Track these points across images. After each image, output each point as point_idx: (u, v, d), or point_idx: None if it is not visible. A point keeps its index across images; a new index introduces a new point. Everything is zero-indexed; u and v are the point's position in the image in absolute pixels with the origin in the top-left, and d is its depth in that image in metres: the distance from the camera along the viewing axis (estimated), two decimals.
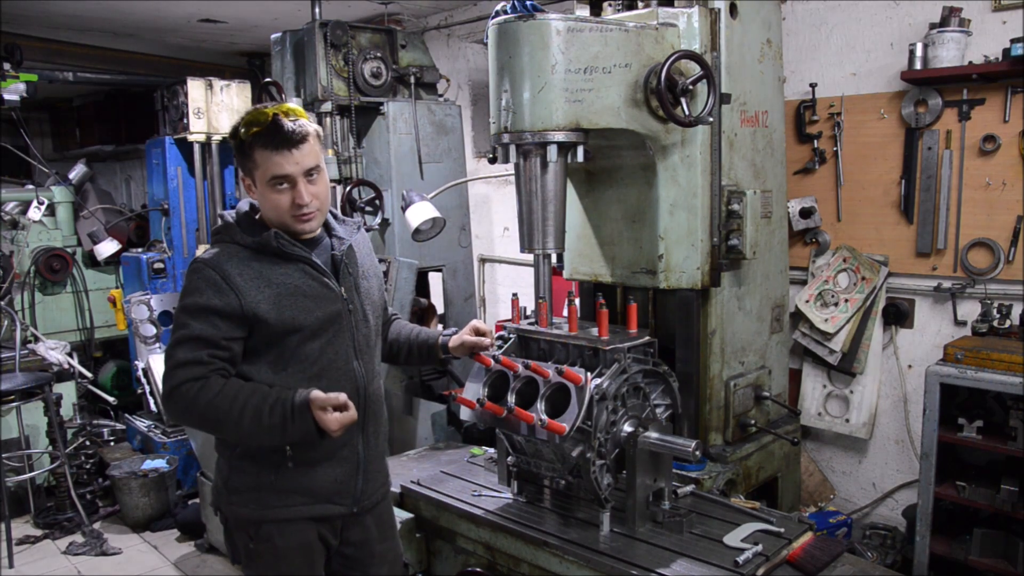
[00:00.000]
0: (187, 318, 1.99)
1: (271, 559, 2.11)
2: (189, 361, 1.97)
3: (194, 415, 1.99)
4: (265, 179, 2.02)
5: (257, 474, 2.09)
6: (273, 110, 2.01)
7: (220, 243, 2.10)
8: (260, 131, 1.99)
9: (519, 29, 2.41)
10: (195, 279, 2.02)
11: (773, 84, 3.08)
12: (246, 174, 2.08)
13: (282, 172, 2.00)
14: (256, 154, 2.00)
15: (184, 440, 4.90)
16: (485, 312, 5.51)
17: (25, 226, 5.99)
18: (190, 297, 2.01)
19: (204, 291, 2.00)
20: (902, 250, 3.50)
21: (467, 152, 5.03)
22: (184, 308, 2.01)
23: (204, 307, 1.99)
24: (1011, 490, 2.89)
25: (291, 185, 2.02)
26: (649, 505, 2.37)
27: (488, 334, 2.41)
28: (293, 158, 1.99)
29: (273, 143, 1.98)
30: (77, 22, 5.51)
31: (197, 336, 1.98)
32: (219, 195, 5.53)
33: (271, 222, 2.09)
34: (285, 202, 2.03)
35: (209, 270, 2.01)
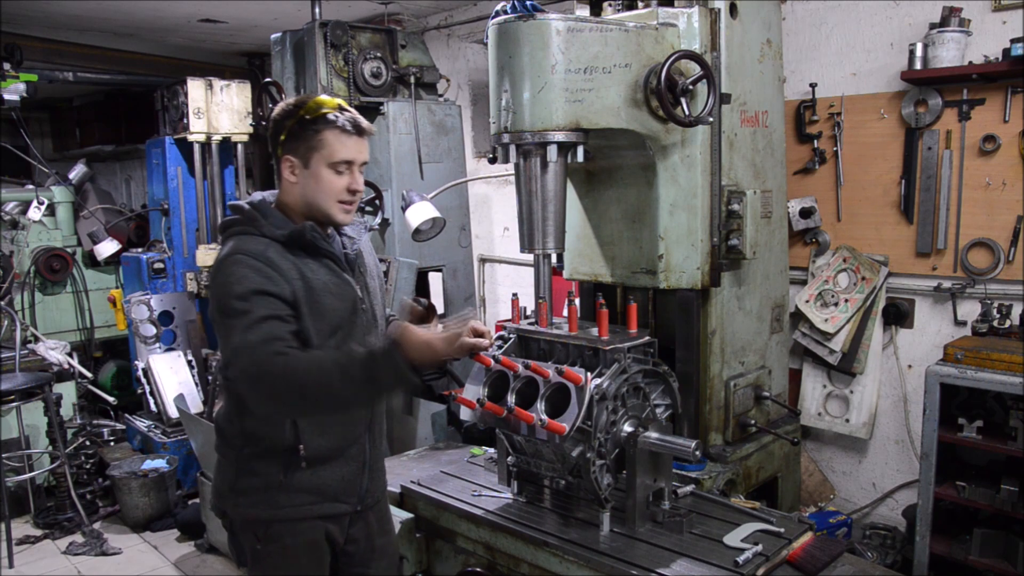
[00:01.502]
0: (245, 304, 1.90)
1: (280, 559, 2.11)
2: (267, 338, 1.87)
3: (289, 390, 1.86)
4: (328, 160, 2.02)
5: (267, 474, 2.08)
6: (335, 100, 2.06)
7: (246, 235, 2.03)
8: (332, 113, 2.01)
9: (519, 29, 2.41)
10: (236, 268, 1.94)
11: (773, 84, 3.08)
12: (297, 155, 2.03)
13: (350, 156, 2.03)
14: (326, 134, 2.00)
15: (184, 440, 4.90)
16: (485, 312, 5.51)
17: (25, 226, 5.99)
18: (240, 285, 1.92)
19: (253, 277, 1.93)
20: (902, 250, 3.50)
21: (467, 152, 5.03)
22: (239, 296, 1.91)
23: (259, 291, 1.93)
24: (1011, 490, 2.89)
25: (349, 172, 2.05)
26: (649, 505, 2.37)
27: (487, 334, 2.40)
28: (360, 145, 2.06)
29: (348, 128, 2.02)
30: (77, 22, 5.51)
31: (265, 316, 1.91)
32: (219, 195, 5.53)
33: (308, 208, 2.07)
34: (340, 185, 2.05)
35: (249, 258, 1.96)
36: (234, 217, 2.10)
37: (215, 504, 2.20)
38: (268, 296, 1.94)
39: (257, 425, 2.07)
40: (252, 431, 2.08)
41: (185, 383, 5.15)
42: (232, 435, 2.12)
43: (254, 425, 2.07)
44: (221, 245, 2.11)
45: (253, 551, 2.13)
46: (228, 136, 5.45)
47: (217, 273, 1.99)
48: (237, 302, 1.91)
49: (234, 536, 2.19)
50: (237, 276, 1.93)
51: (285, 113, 2.06)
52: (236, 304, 1.91)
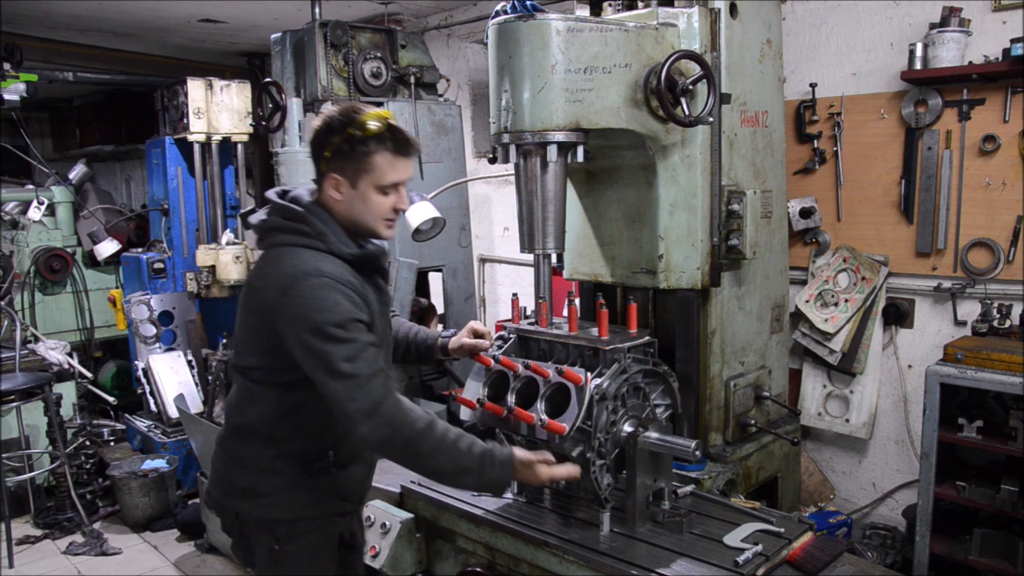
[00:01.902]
0: (345, 332, 1.90)
1: (300, 558, 2.12)
2: (377, 372, 1.92)
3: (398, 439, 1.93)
4: (378, 183, 2.00)
5: (291, 474, 2.09)
6: (384, 113, 2.00)
7: (312, 249, 1.99)
8: (383, 135, 1.97)
9: (519, 29, 2.41)
10: (330, 294, 1.92)
11: (773, 84, 3.08)
12: (344, 174, 1.99)
13: (399, 179, 2.02)
14: (376, 157, 1.97)
15: (184, 440, 4.90)
16: (485, 312, 5.51)
17: (25, 226, 5.99)
18: (335, 311, 1.90)
19: (346, 304, 1.93)
20: (902, 250, 3.50)
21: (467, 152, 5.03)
22: (337, 323, 1.90)
23: (354, 319, 1.94)
24: (1011, 490, 2.89)
25: (396, 191, 2.04)
26: (649, 505, 2.37)
27: (487, 335, 2.42)
28: (409, 165, 2.04)
29: (400, 149, 1.99)
30: (77, 22, 5.51)
31: (367, 343, 1.94)
32: (219, 195, 5.53)
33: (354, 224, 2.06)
34: (387, 206, 2.04)
35: (342, 285, 1.95)
36: (296, 225, 2.02)
37: (224, 504, 2.18)
38: (362, 324, 1.96)
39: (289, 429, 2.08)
40: (282, 434, 2.08)
41: (185, 383, 5.15)
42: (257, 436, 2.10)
43: (285, 429, 2.08)
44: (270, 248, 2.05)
45: (271, 552, 2.11)
46: (228, 136, 5.45)
47: (298, 292, 1.92)
48: (336, 329, 1.90)
49: (244, 537, 2.17)
50: (331, 301, 1.91)
51: (330, 127, 1.99)
52: (335, 331, 1.89)
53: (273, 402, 2.07)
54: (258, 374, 2.08)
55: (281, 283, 1.95)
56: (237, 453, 2.14)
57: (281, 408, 2.07)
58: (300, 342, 1.92)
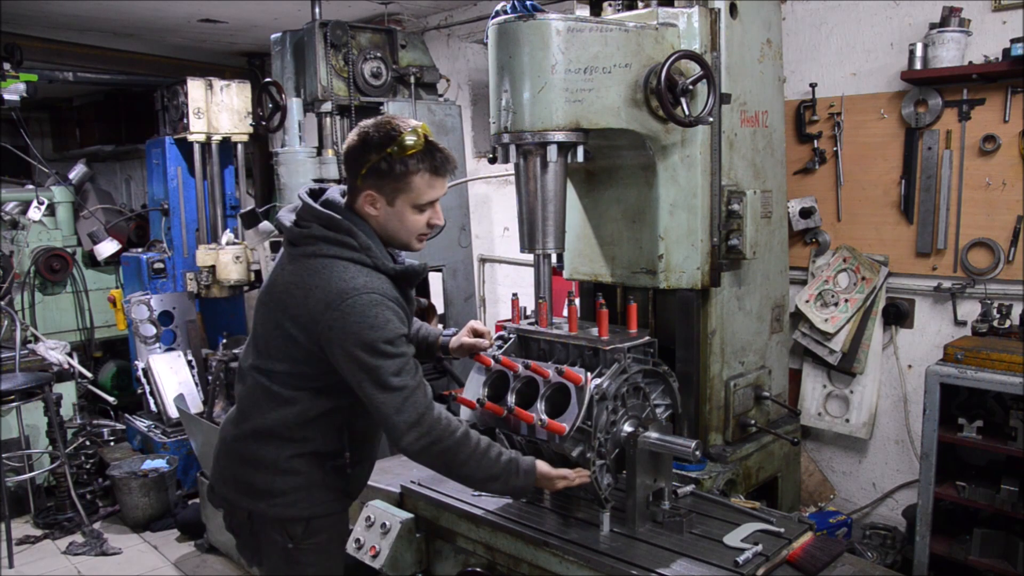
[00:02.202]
0: (393, 348, 1.96)
1: (313, 556, 2.16)
2: (420, 383, 2.01)
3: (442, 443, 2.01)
4: (416, 202, 2.02)
5: (308, 473, 2.12)
6: (420, 128, 1.99)
7: (360, 264, 2.00)
8: (421, 153, 1.97)
9: (519, 29, 2.41)
10: (381, 311, 1.95)
11: (773, 84, 3.08)
12: (382, 192, 2.00)
13: (437, 196, 2.04)
14: (415, 178, 1.98)
15: (184, 440, 4.90)
16: (485, 312, 5.51)
17: (25, 226, 5.99)
18: (386, 329, 1.95)
19: (394, 320, 1.98)
20: (902, 250, 3.50)
21: (467, 152, 5.03)
22: (387, 340, 1.95)
23: (401, 334, 2.00)
24: (1011, 490, 2.89)
25: (432, 207, 2.06)
26: (649, 505, 2.37)
27: (486, 334, 2.42)
28: (446, 183, 2.06)
29: (438, 169, 2.01)
30: (77, 22, 5.51)
31: (412, 356, 2.02)
32: (219, 195, 5.53)
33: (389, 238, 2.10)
34: (423, 223, 2.07)
35: (391, 303, 1.99)
36: (342, 238, 2.01)
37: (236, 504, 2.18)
38: (405, 338, 2.02)
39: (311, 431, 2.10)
40: (303, 436, 2.10)
41: (185, 383, 5.15)
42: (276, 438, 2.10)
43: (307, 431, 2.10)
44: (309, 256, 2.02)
45: (283, 551, 2.14)
46: (228, 136, 5.45)
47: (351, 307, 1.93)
48: (387, 346, 1.95)
49: (253, 536, 2.19)
50: (383, 319, 1.95)
51: (367, 144, 1.98)
52: (387, 348, 1.95)
53: (300, 406, 2.08)
54: (286, 378, 2.08)
55: (328, 297, 1.95)
56: (255, 454, 2.13)
57: (308, 412, 2.09)
58: (348, 355, 1.95)
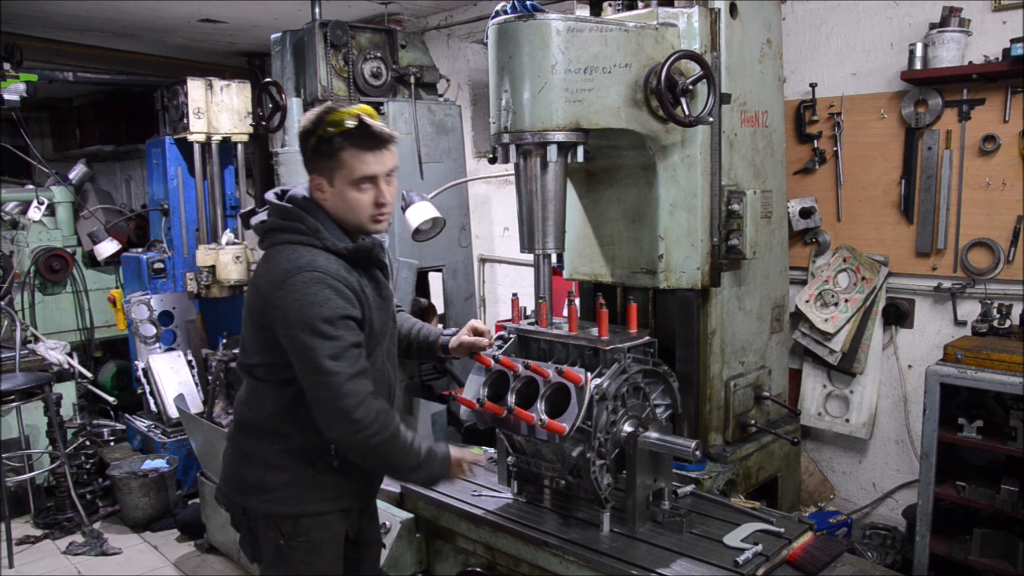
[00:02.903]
0: (333, 329, 1.93)
1: (304, 554, 2.15)
2: (359, 372, 1.96)
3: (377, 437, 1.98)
4: (350, 179, 2.01)
5: (296, 470, 2.12)
6: (356, 111, 2.01)
7: (309, 247, 2.02)
8: (349, 131, 1.98)
9: (519, 29, 2.41)
10: (322, 289, 1.95)
11: (773, 84, 3.08)
12: (322, 174, 2.03)
13: (371, 172, 2.01)
14: (344, 154, 1.99)
15: (184, 440, 4.90)
16: (485, 312, 5.51)
17: (25, 226, 5.99)
18: (324, 307, 1.93)
19: (337, 301, 1.96)
20: (902, 250, 3.50)
21: (467, 152, 5.03)
22: (326, 320, 1.93)
23: (343, 315, 1.96)
24: (1011, 490, 2.89)
25: (374, 185, 2.04)
26: (649, 505, 2.37)
27: (486, 333, 2.42)
28: (381, 158, 2.02)
29: (364, 143, 1.99)
30: (77, 22, 5.51)
31: (353, 343, 1.97)
32: (219, 195, 5.53)
33: (343, 222, 2.08)
34: (367, 202, 2.04)
35: (331, 279, 1.97)
36: (292, 223, 2.05)
37: (231, 499, 2.20)
38: (350, 321, 1.98)
39: (292, 424, 2.09)
40: (286, 430, 2.11)
41: (185, 383, 5.15)
42: (262, 431, 2.13)
43: (289, 424, 2.10)
44: (270, 248, 2.08)
45: (276, 547, 2.15)
46: (228, 136, 5.45)
47: (292, 286, 1.95)
48: (324, 325, 1.93)
49: (251, 533, 2.20)
50: (322, 297, 1.94)
51: (306, 130, 2.04)
52: (324, 327, 1.93)
53: (275, 398, 2.10)
54: (261, 371, 2.12)
55: (275, 278, 1.99)
56: (245, 449, 2.18)
57: (282, 404, 2.09)
58: (289, 336, 1.96)
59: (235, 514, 2.22)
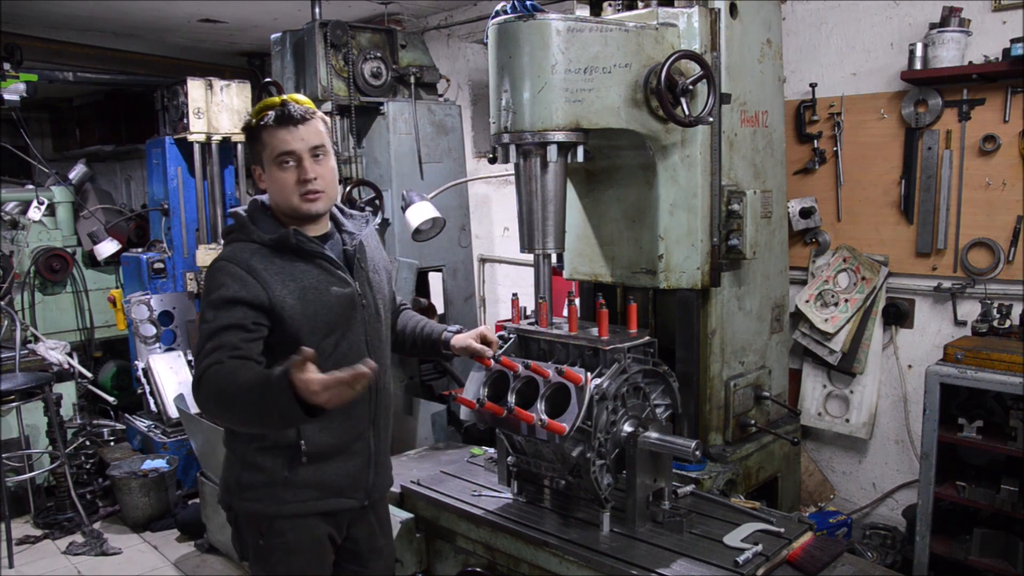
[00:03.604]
0: (212, 312, 1.98)
1: (282, 555, 2.13)
2: (217, 347, 1.93)
3: (212, 400, 1.88)
4: (272, 157, 2.06)
5: (272, 470, 2.10)
6: (280, 98, 2.10)
7: (236, 241, 2.11)
8: (265, 113, 2.07)
9: (519, 29, 2.41)
10: (218, 275, 2.02)
11: (773, 84, 3.08)
12: (256, 161, 2.13)
13: (287, 148, 2.05)
14: (264, 134, 2.06)
15: (184, 440, 4.90)
16: (485, 312, 5.51)
17: (25, 226, 5.99)
18: (215, 293, 2.00)
19: (229, 285, 1.99)
20: (902, 250, 3.50)
21: (467, 152, 5.03)
22: (210, 304, 1.99)
23: (230, 299, 1.98)
24: (1011, 490, 2.89)
25: (296, 163, 2.06)
26: (649, 505, 2.37)
27: (493, 344, 2.39)
28: (298, 134, 2.05)
29: (279, 120, 2.05)
30: (77, 22, 5.51)
31: (224, 326, 1.96)
32: (219, 195, 5.52)
33: (280, 208, 2.12)
34: (291, 180, 2.06)
35: (232, 265, 2.02)
36: (231, 225, 2.17)
37: (221, 498, 2.22)
38: (239, 304, 1.98)
39: None
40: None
41: (185, 383, 5.14)
42: (238, 431, 2.14)
43: None
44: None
45: (256, 547, 2.15)
46: (228, 136, 5.45)
47: (204, 278, 2.10)
48: (207, 309, 2.01)
49: (238, 531, 2.21)
50: (216, 283, 2.02)
51: (243, 127, 2.16)
52: (207, 312, 2.00)
53: None
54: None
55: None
56: (229, 447, 2.20)
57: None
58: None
59: (227, 513, 2.24)
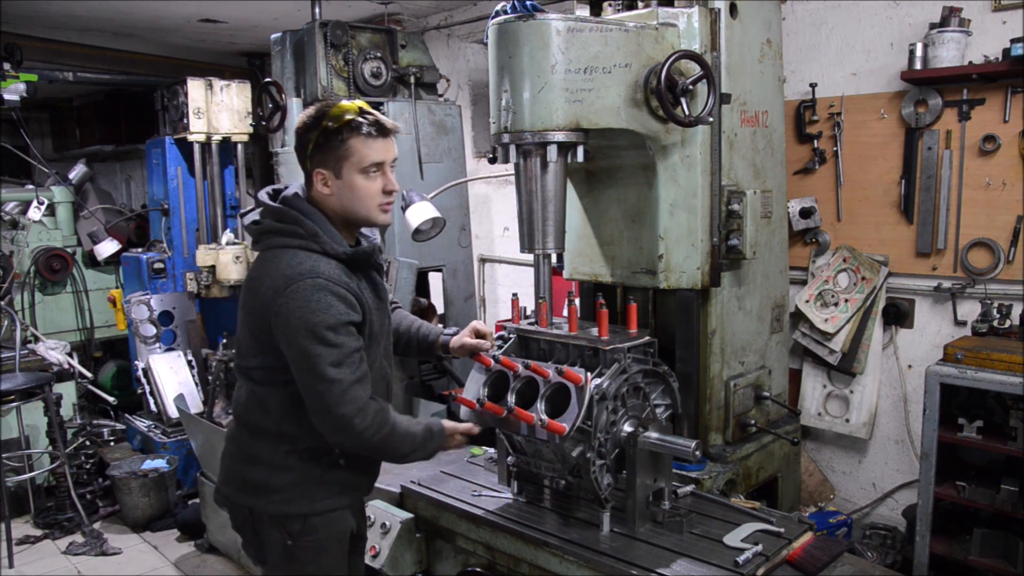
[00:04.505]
0: (335, 336, 1.95)
1: (313, 553, 2.15)
2: (359, 379, 1.99)
3: (378, 435, 2.03)
4: (360, 167, 2.03)
5: (306, 471, 2.12)
6: (356, 104, 2.06)
7: (309, 251, 2.02)
8: (355, 120, 2.02)
9: (519, 29, 2.41)
10: (325, 296, 1.96)
11: (773, 84, 3.08)
12: (326, 166, 2.05)
13: (379, 158, 2.05)
14: (353, 141, 2.02)
15: (184, 440, 4.90)
16: (485, 312, 5.51)
17: (25, 226, 5.99)
18: (328, 314, 1.95)
19: (340, 307, 1.97)
20: (902, 250, 3.50)
21: (467, 152, 5.03)
22: (328, 327, 1.95)
23: (346, 322, 1.98)
24: (1011, 490, 2.89)
25: (382, 172, 2.07)
26: (649, 505, 2.37)
27: (488, 336, 2.42)
28: (388, 145, 2.07)
29: (372, 131, 2.03)
30: (77, 22, 5.51)
31: (354, 349, 1.99)
32: (219, 195, 5.53)
33: (347, 215, 2.09)
34: (376, 189, 2.07)
35: (335, 286, 1.99)
36: (289, 227, 2.05)
37: (235, 501, 2.19)
38: (352, 326, 2.01)
39: (298, 427, 2.09)
40: (292, 432, 2.11)
41: (185, 383, 5.15)
42: (267, 433, 2.13)
43: (295, 427, 2.09)
44: (266, 250, 2.08)
45: (283, 548, 2.14)
46: (228, 136, 5.45)
47: (294, 293, 1.96)
48: (328, 333, 1.95)
49: (256, 534, 2.19)
50: (324, 304, 1.96)
51: (308, 125, 2.05)
52: (327, 335, 1.95)
53: (277, 401, 2.10)
54: (259, 374, 2.12)
55: (276, 284, 1.99)
56: (250, 451, 2.17)
57: (286, 406, 2.08)
58: (291, 342, 1.97)
59: (239, 515, 2.21)
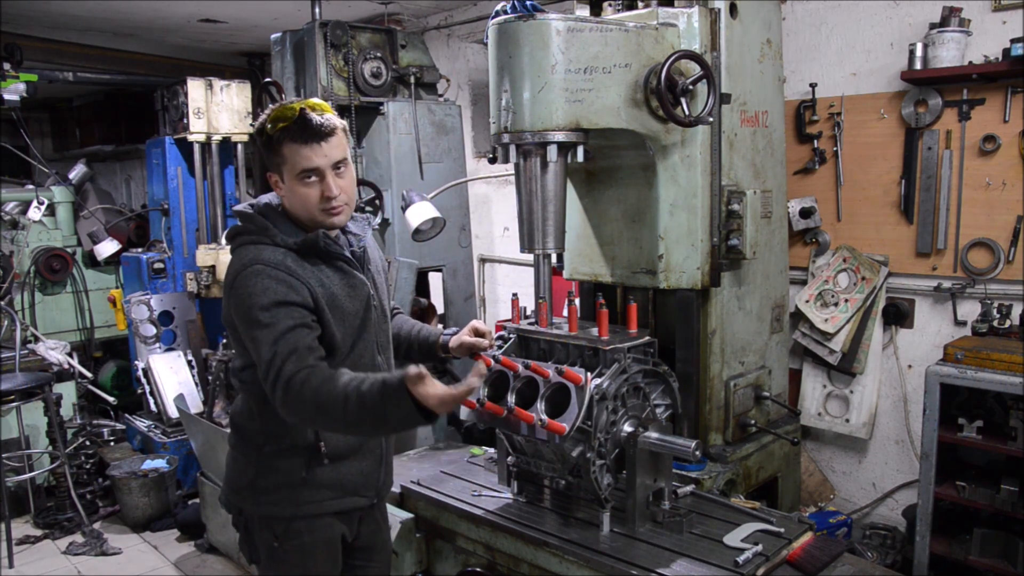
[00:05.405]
0: (269, 316, 1.93)
1: (298, 557, 2.13)
2: (291, 351, 1.91)
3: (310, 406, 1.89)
4: (294, 173, 2.02)
5: (289, 471, 2.11)
6: (299, 105, 2.02)
7: (254, 244, 2.05)
8: (288, 126, 1.99)
9: (519, 29, 2.41)
10: (258, 280, 1.96)
11: (773, 84, 3.08)
12: (273, 170, 2.07)
13: (311, 165, 2.00)
14: (284, 148, 2.00)
15: (184, 440, 4.90)
16: (485, 312, 5.51)
17: (25, 226, 5.99)
18: (264, 297, 1.94)
19: (275, 288, 1.96)
20: (902, 250, 3.50)
21: (467, 152, 5.03)
22: (260, 308, 1.94)
23: (282, 301, 1.96)
24: (1011, 490, 2.89)
25: (319, 178, 2.03)
26: (649, 505, 2.37)
27: (487, 334, 2.42)
28: (321, 151, 2.00)
29: (301, 136, 1.99)
30: (77, 22, 5.51)
31: (289, 327, 1.94)
32: (219, 195, 5.53)
33: (300, 218, 2.09)
34: (314, 196, 2.04)
35: (270, 269, 1.98)
36: (244, 226, 2.10)
37: (229, 501, 2.21)
38: (291, 306, 1.97)
39: (279, 425, 2.08)
40: (274, 430, 2.10)
41: (185, 383, 5.15)
42: (252, 433, 2.14)
43: (275, 425, 2.08)
44: (232, 253, 2.11)
45: (270, 549, 2.14)
46: (228, 136, 5.45)
47: (237, 284, 1.99)
48: (262, 314, 1.94)
49: (248, 534, 2.20)
50: (260, 287, 1.95)
51: (257, 129, 2.08)
52: (261, 316, 1.93)
53: (258, 400, 2.09)
54: (245, 375, 2.12)
55: (229, 280, 2.04)
56: (239, 450, 2.19)
57: (263, 404, 2.06)
58: (242, 330, 1.99)
59: (233, 515, 2.23)
